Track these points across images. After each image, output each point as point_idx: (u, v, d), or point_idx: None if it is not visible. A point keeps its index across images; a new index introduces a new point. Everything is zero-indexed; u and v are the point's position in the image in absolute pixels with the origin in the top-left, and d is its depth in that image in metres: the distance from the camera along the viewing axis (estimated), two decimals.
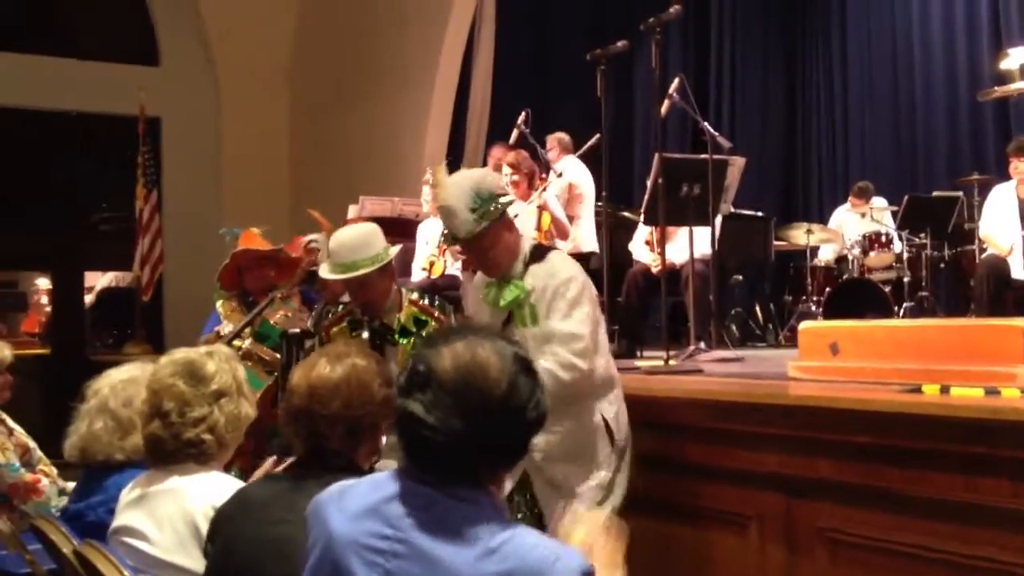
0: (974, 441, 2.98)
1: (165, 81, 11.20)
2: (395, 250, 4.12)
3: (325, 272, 4.11)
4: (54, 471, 4.78)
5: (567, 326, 3.39)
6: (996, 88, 7.19)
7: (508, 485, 3.67)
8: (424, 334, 3.90)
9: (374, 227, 4.16)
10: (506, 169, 7.04)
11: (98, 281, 12.32)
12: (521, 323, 3.51)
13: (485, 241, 3.46)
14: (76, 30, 11.10)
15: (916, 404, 3.22)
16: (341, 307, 4.62)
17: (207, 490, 2.52)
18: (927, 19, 10.05)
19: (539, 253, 3.56)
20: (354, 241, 4.04)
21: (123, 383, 3.08)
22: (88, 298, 12.11)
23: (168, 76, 11.31)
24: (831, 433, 3.33)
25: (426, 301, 4.13)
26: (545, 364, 3.23)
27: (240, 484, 2.58)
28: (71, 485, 4.58)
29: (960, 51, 9.74)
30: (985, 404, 3.07)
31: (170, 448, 2.61)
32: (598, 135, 8.01)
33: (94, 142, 11.17)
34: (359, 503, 1.85)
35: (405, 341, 3.99)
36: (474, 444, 1.77)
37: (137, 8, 11.15)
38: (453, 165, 9.37)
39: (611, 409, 3.58)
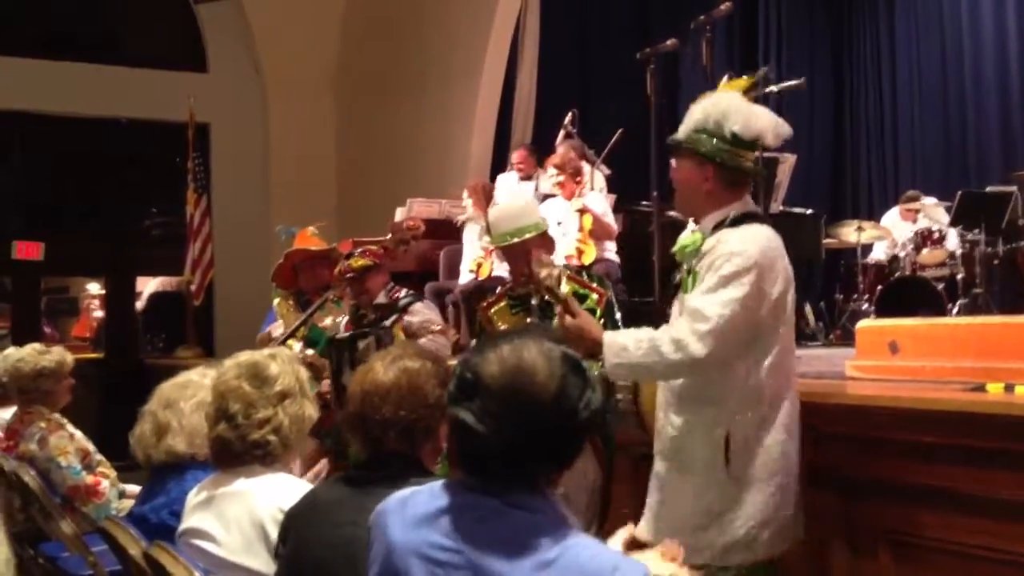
0: None
1: (213, 87, 11.33)
2: (574, 218, 4.20)
3: (488, 243, 4.22)
4: (113, 474, 4.84)
5: (701, 301, 2.90)
6: None
7: None
8: (584, 309, 3.70)
9: (530, 199, 4.29)
10: (551, 170, 7.05)
11: (146, 287, 12.46)
12: (684, 287, 3.10)
13: (680, 160, 3.09)
14: (125, 38, 11.26)
15: (982, 403, 3.17)
16: (406, 298, 4.73)
17: (274, 492, 2.54)
18: (977, 12, 9.91)
19: (740, 220, 3.02)
20: (515, 210, 4.21)
21: (172, 386, 3.12)
22: (138, 303, 12.25)
23: (216, 82, 11.44)
24: (894, 432, 3.29)
25: (584, 276, 4.09)
26: (657, 335, 2.93)
27: (304, 485, 2.60)
28: (131, 487, 4.65)
29: (1012, 44, 9.59)
30: None
31: (237, 450, 2.63)
32: (619, 132, 8.01)
33: (144, 148, 11.30)
34: (419, 512, 1.84)
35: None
36: (527, 449, 1.75)
37: (185, 16, 11.29)
38: (498, 166, 9.47)
39: (744, 429, 2.96)
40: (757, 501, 2.94)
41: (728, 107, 3.00)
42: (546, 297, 3.85)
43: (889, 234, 8.64)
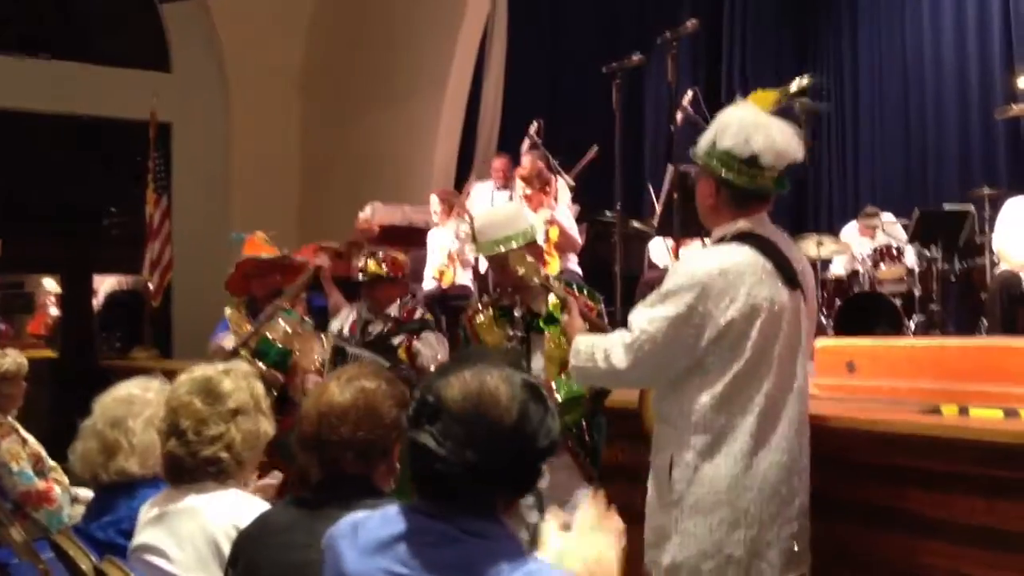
0: (996, 464, 2.97)
1: (177, 87, 11.23)
2: (541, 229, 4.05)
3: (472, 253, 4.11)
4: (66, 480, 4.78)
5: (635, 314, 2.88)
6: (1013, 105, 7.17)
7: None
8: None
9: (517, 206, 4.16)
10: (519, 182, 7.04)
11: (102, 285, 12.30)
12: None
13: (698, 172, 3.08)
14: (89, 35, 11.12)
15: (936, 426, 3.20)
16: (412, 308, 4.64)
17: (228, 509, 2.51)
18: (939, 34, 10.02)
19: (735, 239, 2.92)
20: (502, 218, 4.04)
21: (115, 402, 3.05)
22: (95, 302, 12.11)
23: (180, 82, 11.35)
24: (852, 453, 3.32)
25: (574, 288, 3.89)
26: (601, 343, 2.94)
27: (258, 503, 2.58)
28: (83, 492, 4.59)
29: (972, 65, 9.69)
30: (1007, 428, 3.05)
31: (188, 466, 2.60)
32: (595, 148, 8.05)
33: (105, 146, 11.17)
34: (371, 538, 1.83)
35: (553, 329, 3.78)
36: (485, 474, 1.76)
37: (150, 14, 11.17)
38: (462, 174, 9.47)
39: (686, 456, 2.86)
40: (697, 532, 2.84)
41: (730, 122, 2.92)
42: (532, 308, 3.87)
43: (848, 248, 8.71)
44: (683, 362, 2.84)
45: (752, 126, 2.89)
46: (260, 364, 4.79)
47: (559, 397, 3.61)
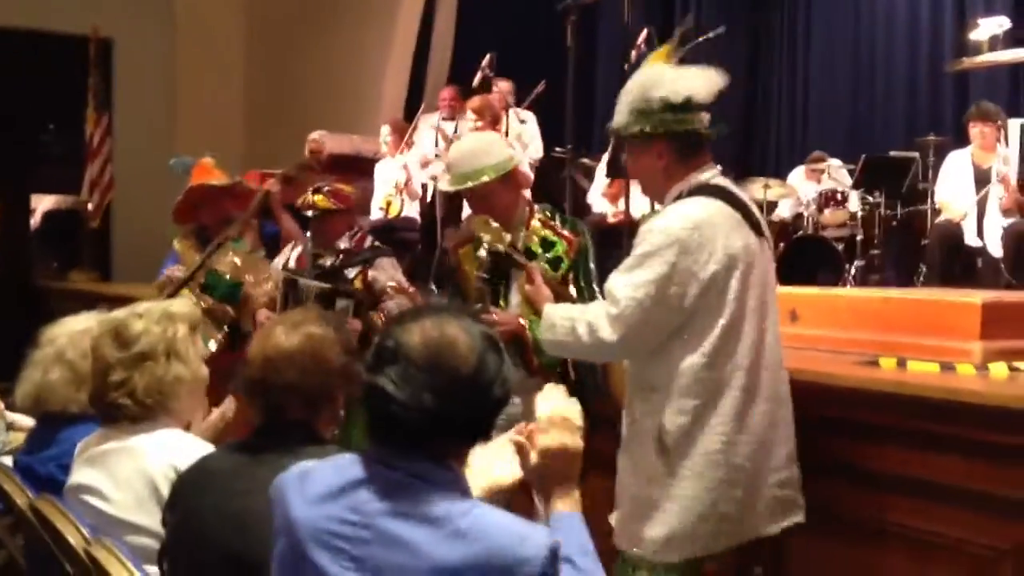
0: (930, 419, 3.03)
1: (119, 1, 10.88)
2: (519, 158, 3.78)
3: (444, 186, 3.81)
4: (1, 405, 4.69)
5: (614, 281, 2.79)
6: (965, 59, 7.21)
7: None
8: (549, 257, 3.52)
9: (495, 135, 3.93)
10: (470, 115, 6.97)
11: (40, 204, 12.02)
12: None
13: (629, 148, 3.01)
14: None
15: (874, 380, 3.26)
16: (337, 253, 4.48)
17: (167, 450, 2.48)
18: None
19: (694, 193, 2.87)
20: (475, 148, 3.71)
21: (81, 334, 3.00)
22: (32, 221, 11.85)
23: None
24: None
25: (557, 220, 3.64)
26: (579, 315, 2.87)
27: (200, 444, 2.55)
28: (19, 418, 4.51)
29: (923, 14, 9.74)
30: (942, 384, 3.11)
31: (100, 409, 2.59)
32: (543, 83, 8.00)
33: (44, 62, 10.82)
34: (321, 487, 1.84)
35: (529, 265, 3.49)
36: (441, 421, 1.78)
37: None
38: (412, 105, 9.36)
39: (677, 419, 2.79)
40: (692, 496, 2.79)
41: (649, 78, 2.92)
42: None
43: (794, 192, 8.78)
44: (671, 324, 2.77)
45: (673, 72, 2.92)
46: (208, 298, 4.71)
47: (535, 335, 3.29)
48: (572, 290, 3.50)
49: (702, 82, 2.90)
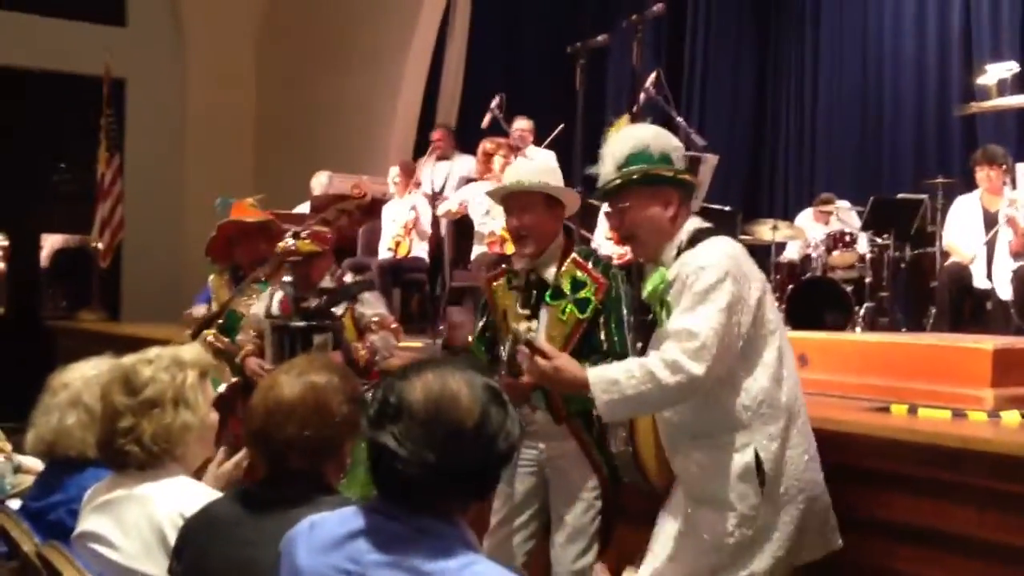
0: (942, 467, 3.01)
1: (132, 42, 11.02)
2: (573, 201, 3.64)
3: (500, 191, 3.64)
4: (8, 447, 4.67)
5: (685, 320, 2.73)
6: (973, 103, 7.23)
7: None
8: (577, 297, 3.45)
9: (552, 164, 3.95)
10: (483, 156, 7.00)
11: (47, 243, 12.07)
12: (659, 321, 2.89)
13: (622, 202, 2.94)
14: None
15: (886, 427, 3.24)
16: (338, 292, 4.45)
17: (175, 497, 2.46)
18: (899, 25, 10.08)
19: (697, 237, 2.89)
20: (542, 164, 3.79)
21: (97, 378, 2.98)
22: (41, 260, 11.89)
23: (135, 37, 11.13)
24: None
25: (590, 263, 3.55)
26: (647, 361, 2.74)
27: (208, 491, 2.54)
28: (27, 460, 4.49)
29: (930, 57, 9.78)
30: (956, 433, 3.09)
31: (108, 455, 2.57)
32: (562, 125, 8.04)
33: (56, 101, 10.93)
34: (325, 537, 1.85)
35: (556, 304, 3.48)
36: (444, 476, 1.77)
37: None
38: (421, 146, 9.41)
39: (771, 446, 2.79)
40: (793, 519, 2.80)
41: (639, 132, 2.97)
42: (541, 276, 3.57)
43: (802, 234, 8.78)
44: (734, 353, 2.77)
45: (656, 128, 3.06)
46: (225, 338, 4.70)
47: None
48: (601, 335, 3.45)
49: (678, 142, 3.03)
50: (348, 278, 4.70)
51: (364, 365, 4.29)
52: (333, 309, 4.46)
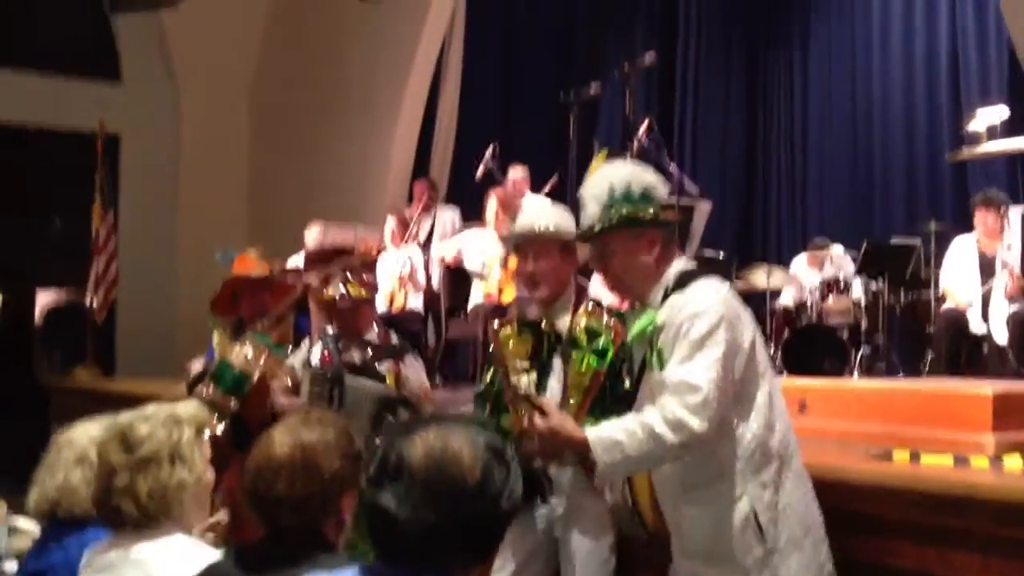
0: (947, 514, 2.99)
1: (126, 98, 11.07)
2: (583, 249, 3.49)
3: (512, 236, 3.58)
4: (3, 509, 4.62)
5: (683, 372, 2.67)
6: (964, 149, 7.27)
7: None
8: (595, 348, 3.33)
9: (562, 209, 3.90)
10: (493, 203, 7.02)
11: (40, 298, 12.02)
12: (649, 366, 2.83)
13: (607, 248, 2.90)
14: (37, 43, 10.90)
15: (889, 474, 3.22)
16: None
17: (173, 561, 2.43)
18: (887, 68, 10.20)
19: (684, 279, 2.84)
20: (552, 209, 3.71)
21: (100, 436, 2.96)
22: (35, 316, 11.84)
23: (129, 93, 11.19)
24: None
25: (603, 311, 3.44)
26: (647, 419, 2.67)
27: (207, 551, 2.51)
28: (22, 522, 4.43)
29: (919, 102, 9.87)
30: (959, 479, 3.07)
31: (104, 514, 2.54)
32: (556, 175, 8.08)
33: (51, 157, 10.96)
34: None
35: (574, 355, 3.36)
36: (445, 537, 1.72)
37: (99, 22, 10.99)
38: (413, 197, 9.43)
39: (764, 494, 2.74)
40: (801, 565, 2.74)
41: (620, 172, 2.92)
42: (554, 325, 3.51)
43: (796, 280, 8.79)
44: (730, 398, 2.73)
45: (634, 166, 3.01)
46: (214, 388, 4.65)
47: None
48: (626, 383, 3.28)
49: (655, 176, 2.98)
50: (393, 338, 4.53)
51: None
52: (378, 366, 4.31)
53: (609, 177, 2.92)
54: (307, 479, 2.20)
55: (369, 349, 4.36)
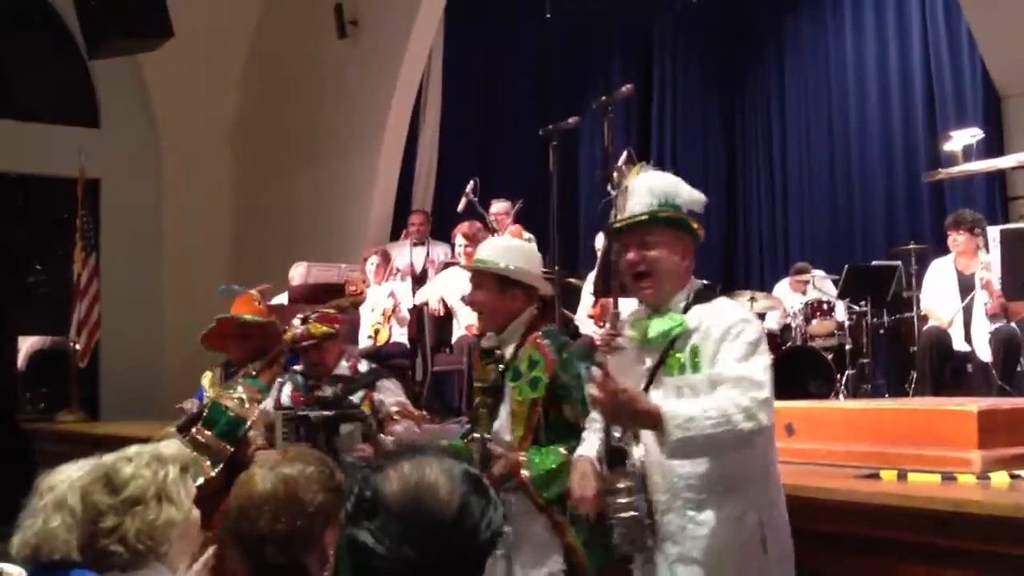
0: (936, 532, 3.00)
1: (106, 143, 11.04)
2: (535, 280, 3.59)
3: (466, 267, 3.69)
4: None
5: (745, 369, 2.65)
6: (941, 170, 7.34)
7: None
8: (531, 376, 3.39)
9: (533, 248, 3.90)
10: (460, 240, 7.03)
11: (24, 343, 11.94)
12: (675, 368, 2.79)
13: (647, 237, 2.86)
14: (17, 90, 10.91)
15: (878, 494, 3.23)
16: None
17: None
18: (864, 92, 10.30)
19: (705, 295, 2.87)
20: (507, 244, 3.91)
21: (81, 479, 2.94)
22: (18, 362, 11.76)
23: (109, 138, 11.16)
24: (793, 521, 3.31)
25: (548, 341, 3.48)
26: (721, 402, 2.61)
27: None
28: (8, 568, 4.39)
29: (896, 127, 9.97)
30: (947, 496, 3.08)
31: (91, 556, 2.52)
32: (520, 201, 8.14)
33: (32, 203, 10.93)
34: None
35: (513, 385, 3.44)
36: (425, 571, 1.69)
37: (79, 69, 11.00)
38: (398, 233, 9.46)
39: (768, 506, 2.78)
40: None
41: (667, 181, 2.94)
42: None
43: (780, 304, 8.84)
44: None
45: (679, 180, 2.97)
46: (207, 432, 4.64)
47: (529, 473, 3.29)
48: (567, 413, 3.36)
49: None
50: (363, 366, 4.59)
51: None
52: (351, 397, 4.36)
53: (664, 178, 2.96)
54: (290, 513, 2.19)
55: (339, 383, 4.41)
